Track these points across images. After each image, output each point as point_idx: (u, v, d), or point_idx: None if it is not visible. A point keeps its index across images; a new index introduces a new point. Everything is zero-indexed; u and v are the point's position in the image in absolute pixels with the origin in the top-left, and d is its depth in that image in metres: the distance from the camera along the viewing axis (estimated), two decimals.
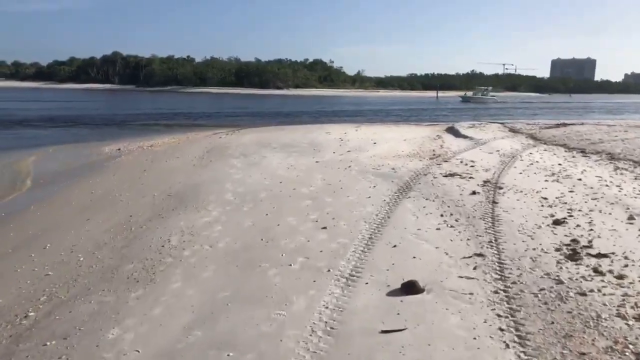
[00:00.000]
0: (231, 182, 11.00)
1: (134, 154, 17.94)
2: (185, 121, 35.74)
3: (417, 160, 12.59)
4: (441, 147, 15.41)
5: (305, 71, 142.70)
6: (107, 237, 7.53)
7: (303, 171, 11.77)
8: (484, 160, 12.41)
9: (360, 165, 12.13)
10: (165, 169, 13.89)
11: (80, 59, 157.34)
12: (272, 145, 17.80)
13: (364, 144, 16.56)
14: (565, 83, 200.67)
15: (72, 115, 38.33)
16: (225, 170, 12.78)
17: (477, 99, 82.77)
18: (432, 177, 10.24)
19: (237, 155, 15.54)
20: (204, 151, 17.14)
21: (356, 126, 25.60)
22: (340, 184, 10.09)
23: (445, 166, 11.58)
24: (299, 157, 14.21)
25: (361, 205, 8.26)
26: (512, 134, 19.29)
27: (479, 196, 8.41)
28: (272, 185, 10.45)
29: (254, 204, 8.96)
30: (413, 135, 20.34)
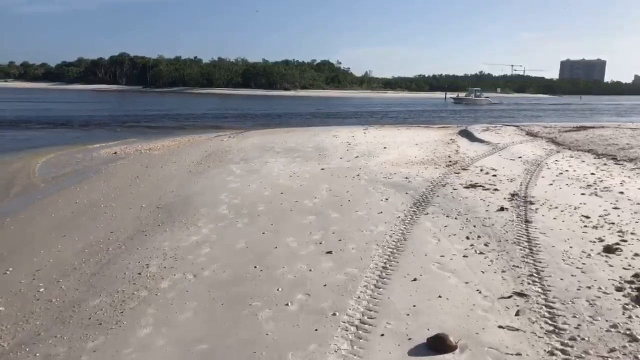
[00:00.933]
0: (227, 193, 9.96)
1: (131, 158, 16.98)
2: (189, 123, 34.83)
3: (432, 168, 11.48)
4: (457, 153, 14.28)
5: (313, 72, 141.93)
6: (79, 260, 6.50)
7: (307, 180, 10.71)
8: (507, 168, 11.27)
9: (370, 173, 11.05)
10: (160, 176, 12.89)
11: (88, 60, 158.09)
12: (275, 149, 16.77)
13: (373, 149, 15.47)
14: (575, 84, 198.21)
15: (74, 117, 37.57)
16: (223, 178, 11.75)
17: (469, 101, 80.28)
18: (452, 188, 9.13)
19: (237, 161, 14.52)
20: (203, 156, 16.15)
21: (364, 129, 24.53)
22: (348, 196, 9.02)
23: (465, 176, 10.46)
24: (303, 164, 13.15)
25: (372, 223, 7.18)
26: (531, 139, 18.11)
27: (509, 213, 7.29)
28: (273, 196, 9.39)
29: (251, 219, 7.91)
30: (425, 139, 19.23)
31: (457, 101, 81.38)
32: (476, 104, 76.63)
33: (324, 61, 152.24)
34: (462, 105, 75.39)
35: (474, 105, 73.44)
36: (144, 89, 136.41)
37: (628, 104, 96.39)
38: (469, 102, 79.54)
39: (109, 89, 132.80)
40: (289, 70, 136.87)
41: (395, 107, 66.02)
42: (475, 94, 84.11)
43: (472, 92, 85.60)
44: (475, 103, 78.46)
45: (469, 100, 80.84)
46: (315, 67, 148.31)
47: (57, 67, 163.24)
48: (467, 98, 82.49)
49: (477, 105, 75.30)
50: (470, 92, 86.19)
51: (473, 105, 73.50)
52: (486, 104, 78.86)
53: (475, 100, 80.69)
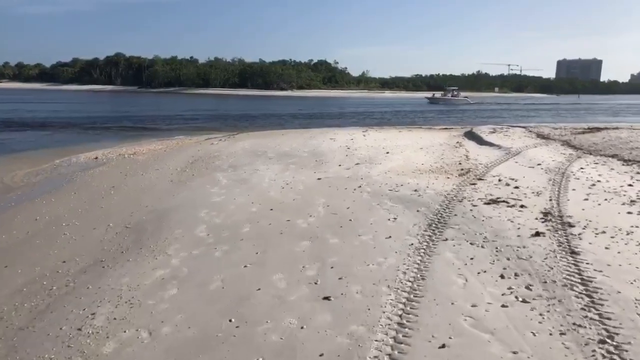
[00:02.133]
0: (209, 208, 8.60)
1: (111, 164, 15.61)
2: (181, 124, 33.46)
3: (443, 178, 10.14)
4: (467, 159, 12.95)
5: (309, 72, 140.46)
6: (10, 305, 5.14)
7: (301, 192, 9.36)
8: (528, 177, 9.94)
9: (373, 184, 9.70)
10: (138, 185, 11.53)
11: (83, 60, 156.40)
12: (267, 154, 15.41)
13: (374, 154, 14.12)
14: (572, 83, 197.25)
15: (64, 118, 36.12)
16: (206, 189, 10.39)
17: (445, 100, 75.85)
18: (470, 204, 7.79)
19: (224, 168, 13.16)
20: (189, 162, 14.79)
21: (364, 130, 23.17)
22: (348, 214, 7.68)
23: (482, 187, 9.12)
24: (297, 171, 11.80)
25: (379, 252, 5.84)
26: (544, 141, 16.80)
27: (546, 240, 5.96)
28: (260, 213, 8.04)
29: (232, 245, 6.56)
30: (429, 142, 17.90)
31: (432, 101, 76.56)
32: (452, 104, 72.05)
33: (321, 61, 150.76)
34: (438, 105, 70.84)
35: (450, 105, 68.91)
36: (139, 89, 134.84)
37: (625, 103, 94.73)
38: (444, 101, 75.19)
39: (103, 89, 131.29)
40: (286, 70, 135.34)
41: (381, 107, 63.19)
42: (452, 93, 79.72)
43: (449, 91, 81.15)
44: (451, 103, 73.91)
45: (444, 100, 76.50)
46: (312, 67, 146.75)
47: (52, 67, 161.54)
48: (442, 98, 78.11)
49: (453, 105, 70.70)
50: (447, 91, 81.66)
51: (449, 105, 68.93)
52: (463, 103, 74.04)
53: (451, 100, 76.29)
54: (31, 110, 44.54)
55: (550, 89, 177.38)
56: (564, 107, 72.77)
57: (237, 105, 66.15)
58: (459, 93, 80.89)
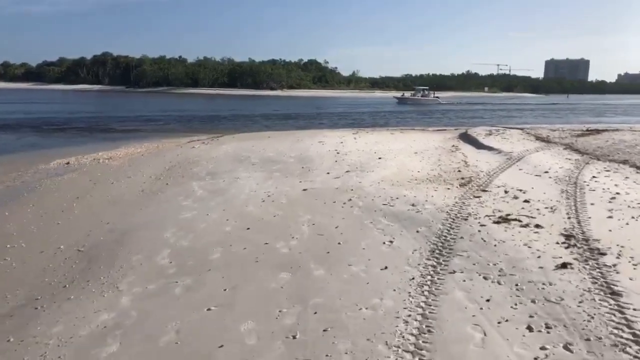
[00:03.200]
0: (177, 227, 7.49)
1: (83, 170, 14.43)
2: (166, 125, 32.21)
3: (443, 188, 9.10)
4: (467, 165, 11.95)
5: (300, 72, 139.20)
6: None
7: (284, 207, 8.26)
8: (537, 188, 8.93)
9: (365, 196, 8.63)
10: (104, 197, 10.38)
11: (69, 60, 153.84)
12: (251, 159, 14.30)
13: (366, 160, 13.07)
14: (561, 83, 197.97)
15: (43, 119, 34.57)
16: (178, 202, 9.26)
17: (414, 100, 72.17)
18: (478, 223, 6.75)
19: (202, 176, 12.04)
20: (165, 168, 13.64)
21: (354, 132, 22.14)
22: (337, 235, 6.61)
23: (488, 201, 8.09)
24: (281, 180, 10.71)
25: (374, 290, 4.78)
26: (545, 145, 15.86)
27: (576, 273, 4.92)
28: (235, 234, 6.95)
29: (196, 278, 5.46)
30: (423, 145, 16.90)
31: (401, 101, 72.52)
32: (421, 104, 68.50)
33: (311, 60, 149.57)
34: (406, 105, 66.99)
35: (419, 106, 65.25)
36: (126, 88, 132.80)
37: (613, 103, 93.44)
38: (413, 102, 71.52)
39: (90, 88, 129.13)
40: (276, 70, 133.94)
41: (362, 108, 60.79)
42: (422, 92, 76.30)
43: (419, 90, 77.73)
44: (420, 103, 70.35)
45: (414, 100, 72.78)
46: (302, 67, 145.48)
47: (38, 66, 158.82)
48: (412, 97, 74.29)
49: (422, 105, 67.16)
50: (417, 90, 78.11)
51: (418, 106, 65.33)
52: (433, 104, 70.92)
53: (421, 100, 72.81)
54: (9, 111, 42.90)
55: (539, 89, 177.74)
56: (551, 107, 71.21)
57: (216, 105, 64.84)
58: (429, 93, 77.51)
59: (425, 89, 78.93)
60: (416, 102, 70.72)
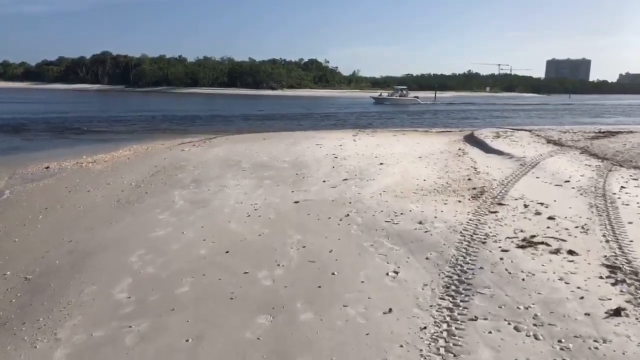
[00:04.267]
0: (146, 248, 6.43)
1: (61, 175, 13.39)
2: (161, 125, 31.15)
3: (453, 201, 8.03)
4: (477, 172, 10.88)
5: (300, 71, 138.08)
6: None
7: (272, 223, 7.20)
8: (560, 201, 7.85)
9: (365, 211, 7.56)
10: (75, 208, 9.33)
11: (69, 59, 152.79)
12: (242, 164, 13.24)
13: (366, 166, 12.00)
14: (562, 83, 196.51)
15: (31, 119, 33.47)
16: (154, 215, 8.20)
17: (392, 100, 68.88)
18: (498, 248, 5.67)
19: (186, 183, 10.98)
20: (149, 173, 12.60)
21: (354, 134, 21.07)
22: (331, 262, 5.55)
23: (506, 217, 7.02)
24: (272, 190, 9.65)
25: (376, 347, 3.72)
26: (558, 148, 14.79)
27: (634, 324, 3.87)
28: (211, 259, 5.89)
29: (155, 321, 4.40)
30: (427, 148, 15.83)
31: (378, 101, 69.35)
32: (399, 105, 65.13)
33: (312, 60, 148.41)
34: (383, 105, 63.73)
35: (397, 106, 62.02)
36: (126, 88, 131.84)
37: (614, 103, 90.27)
38: (391, 102, 68.42)
39: (89, 88, 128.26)
40: (276, 69, 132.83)
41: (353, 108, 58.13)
42: (400, 92, 72.59)
43: (398, 90, 74.10)
44: (399, 103, 67.02)
45: (391, 100, 69.50)
46: (302, 66, 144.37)
47: (37, 66, 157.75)
48: (389, 97, 70.91)
49: (400, 105, 63.78)
50: (396, 90, 74.67)
51: (396, 106, 62.05)
52: (412, 104, 67.33)
53: (399, 100, 69.28)
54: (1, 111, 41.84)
55: (540, 89, 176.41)
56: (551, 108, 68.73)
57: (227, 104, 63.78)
58: (408, 92, 74.12)
59: (403, 89, 75.40)
60: (394, 102, 67.72)
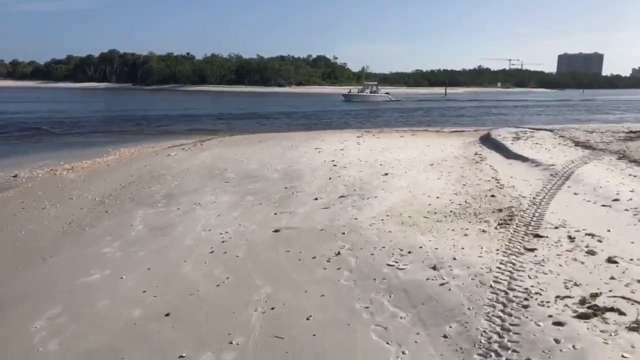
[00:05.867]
0: (63, 306, 4.78)
1: (25, 186, 11.93)
2: (159, 126, 29.77)
3: (475, 230, 6.26)
4: (499, 185, 9.08)
5: (308, 68, 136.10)
6: None
7: (238, 265, 5.50)
8: (615, 231, 6.04)
9: (362, 247, 5.82)
10: (13, 235, 7.76)
11: (77, 57, 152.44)
12: (227, 173, 11.58)
13: (368, 177, 10.25)
14: (575, 78, 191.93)
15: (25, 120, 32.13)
16: (98, 249, 6.55)
17: (361, 97, 63.82)
18: (549, 319, 3.90)
19: (157, 199, 9.34)
20: (121, 185, 11.00)
21: (359, 135, 19.27)
22: (304, 337, 3.85)
23: (548, 257, 5.24)
24: (250, 211, 7.94)
25: None
26: (590, 152, 12.89)
27: None
28: (140, 328, 4.22)
29: None
30: (439, 152, 14.04)
31: (347, 98, 64.21)
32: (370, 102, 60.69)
33: (320, 56, 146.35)
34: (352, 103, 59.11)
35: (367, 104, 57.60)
36: (133, 86, 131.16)
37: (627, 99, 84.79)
38: (361, 99, 63.41)
39: (97, 86, 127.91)
40: (284, 66, 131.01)
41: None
42: (371, 88, 67.19)
43: (368, 86, 68.46)
44: (369, 101, 62.13)
45: (361, 97, 64.31)
46: (310, 63, 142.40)
47: (46, 64, 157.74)
48: (358, 94, 65.38)
49: (371, 103, 59.32)
50: (366, 86, 68.96)
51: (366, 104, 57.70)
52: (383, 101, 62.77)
53: (369, 97, 64.18)
54: None
55: (552, 84, 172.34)
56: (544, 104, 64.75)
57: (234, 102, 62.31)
58: (379, 89, 68.75)
59: (374, 85, 70.13)
60: (363, 100, 62.86)
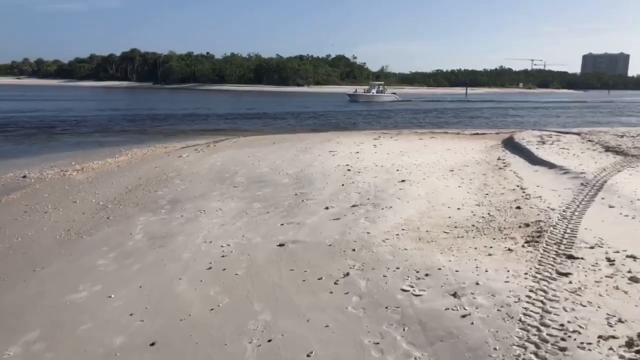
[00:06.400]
0: (42, 329, 4.36)
1: (33, 187, 11.67)
2: (173, 125, 29.72)
3: (501, 249, 5.65)
4: (525, 194, 8.42)
5: (327, 67, 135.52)
6: None
7: (235, 286, 5.00)
8: None
9: (374, 267, 5.26)
10: (9, 241, 7.40)
11: (99, 57, 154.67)
12: (236, 177, 11.13)
13: (384, 183, 9.68)
14: (600, 79, 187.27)
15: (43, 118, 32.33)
16: (92, 260, 6.13)
17: (367, 98, 62.87)
18: None
19: (161, 205, 8.92)
20: (127, 188, 10.65)
21: (376, 137, 18.69)
22: None
23: (585, 285, 4.60)
24: (256, 220, 7.44)
25: None
26: (621, 159, 12.09)
27: None
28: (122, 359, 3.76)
29: None
30: (460, 157, 13.38)
31: (353, 99, 63.18)
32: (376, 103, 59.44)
33: (339, 56, 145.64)
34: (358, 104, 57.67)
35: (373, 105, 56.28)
36: (153, 85, 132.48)
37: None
38: (367, 99, 62.33)
39: (118, 85, 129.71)
40: (303, 65, 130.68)
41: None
42: (377, 88, 66.34)
43: (374, 86, 67.66)
44: (375, 101, 61.13)
45: (367, 97, 63.15)
46: (329, 62, 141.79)
47: (70, 63, 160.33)
48: (364, 94, 64.22)
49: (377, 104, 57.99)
50: (372, 86, 67.96)
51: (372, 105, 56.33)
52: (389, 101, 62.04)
53: (375, 97, 63.23)
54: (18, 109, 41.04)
55: (576, 85, 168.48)
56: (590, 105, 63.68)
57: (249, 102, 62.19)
58: (386, 89, 68.04)
59: (380, 85, 69.48)
60: (369, 100, 61.95)
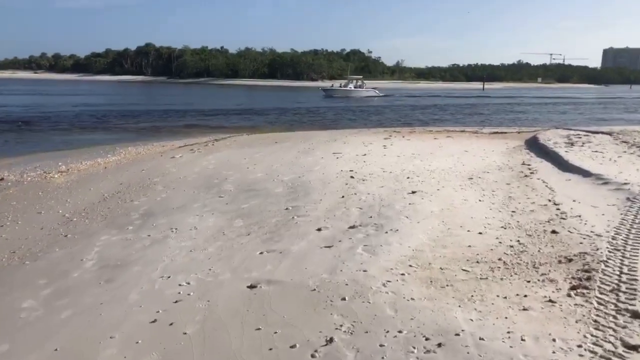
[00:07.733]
0: None
1: (7, 192, 10.63)
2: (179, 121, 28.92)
3: (537, 297, 4.29)
4: (560, 213, 6.98)
5: (341, 62, 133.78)
6: None
7: (182, 350, 3.72)
8: None
9: (367, 333, 3.92)
10: None
11: (115, 51, 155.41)
12: (225, 184, 9.85)
13: (391, 195, 8.30)
14: (621, 73, 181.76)
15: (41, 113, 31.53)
16: (19, 302, 4.90)
17: (344, 92, 58.89)
18: None
19: (132, 219, 7.69)
20: (103, 196, 9.45)
21: (387, 137, 17.26)
22: None
23: None
24: (232, 247, 6.13)
25: None
26: None
27: None
28: None
29: None
30: (480, 161, 11.94)
31: (328, 94, 58.58)
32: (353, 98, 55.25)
33: (354, 50, 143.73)
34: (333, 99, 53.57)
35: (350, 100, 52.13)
36: (167, 79, 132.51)
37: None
38: (343, 94, 58.41)
39: (133, 80, 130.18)
40: (317, 60, 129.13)
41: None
42: (355, 83, 62.31)
43: (351, 80, 63.64)
44: (352, 97, 56.78)
45: (343, 92, 59.32)
46: (344, 57, 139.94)
47: (86, 58, 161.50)
48: (340, 89, 60.24)
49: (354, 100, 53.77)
50: (349, 80, 63.99)
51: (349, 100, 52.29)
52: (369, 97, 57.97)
53: (352, 92, 59.30)
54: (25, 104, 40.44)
55: (597, 79, 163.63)
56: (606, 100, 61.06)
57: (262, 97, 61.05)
58: (364, 84, 63.46)
59: (359, 79, 65.18)
60: (346, 95, 58.22)
